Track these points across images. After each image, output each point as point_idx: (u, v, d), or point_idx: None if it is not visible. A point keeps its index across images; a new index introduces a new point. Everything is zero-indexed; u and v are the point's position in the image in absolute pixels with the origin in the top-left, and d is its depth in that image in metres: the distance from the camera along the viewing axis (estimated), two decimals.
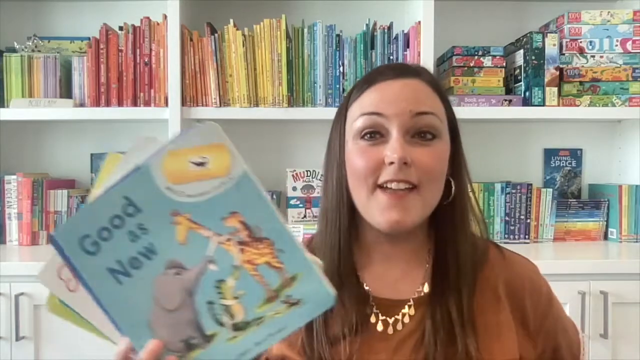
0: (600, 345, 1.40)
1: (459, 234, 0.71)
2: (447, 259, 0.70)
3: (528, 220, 1.72)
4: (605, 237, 1.80)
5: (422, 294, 0.71)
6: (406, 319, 0.69)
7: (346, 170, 0.71)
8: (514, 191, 1.73)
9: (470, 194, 0.75)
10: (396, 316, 0.69)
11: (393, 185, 0.66)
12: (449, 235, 0.71)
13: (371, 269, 0.73)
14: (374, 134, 0.68)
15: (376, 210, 0.67)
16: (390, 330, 0.69)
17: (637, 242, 1.74)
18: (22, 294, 1.38)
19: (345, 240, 0.71)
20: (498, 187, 1.72)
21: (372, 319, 0.69)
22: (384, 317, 0.69)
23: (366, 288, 0.71)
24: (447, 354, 0.65)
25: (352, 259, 0.72)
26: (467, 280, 0.69)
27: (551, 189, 1.75)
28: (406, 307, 0.70)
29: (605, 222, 1.79)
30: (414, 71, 0.72)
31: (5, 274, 1.38)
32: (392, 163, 0.65)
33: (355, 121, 0.70)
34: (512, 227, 1.72)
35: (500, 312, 0.69)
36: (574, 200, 1.81)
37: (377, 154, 0.67)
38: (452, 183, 0.72)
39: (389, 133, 0.67)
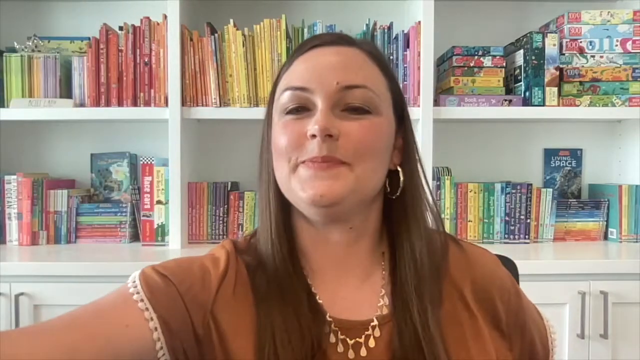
0: (600, 345, 1.40)
1: (413, 229, 0.63)
2: (404, 261, 0.62)
3: (528, 220, 1.72)
4: (605, 237, 1.80)
5: (385, 310, 0.62)
6: (371, 343, 0.59)
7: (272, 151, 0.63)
8: (514, 191, 1.73)
9: (425, 186, 0.66)
10: (357, 339, 0.59)
11: (315, 164, 0.57)
12: (403, 232, 0.63)
13: (324, 281, 0.63)
14: (300, 109, 0.60)
15: (298, 187, 0.58)
16: (351, 354, 0.59)
17: (637, 242, 1.74)
18: (22, 294, 1.38)
19: (277, 231, 0.62)
20: (498, 187, 1.72)
21: (332, 339, 0.59)
22: (343, 337, 0.59)
23: (319, 301, 0.61)
24: None
25: (294, 256, 0.63)
26: (428, 285, 0.61)
27: (551, 189, 1.75)
28: (370, 328, 0.60)
29: (605, 222, 1.79)
30: (349, 40, 0.64)
31: (5, 274, 1.38)
32: (314, 136, 0.57)
33: (281, 96, 0.61)
34: (512, 227, 1.72)
35: (471, 320, 0.63)
36: (574, 200, 1.81)
37: (300, 128, 0.59)
38: (401, 173, 0.64)
39: (316, 106, 0.59)
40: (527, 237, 1.72)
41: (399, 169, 0.64)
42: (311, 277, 0.63)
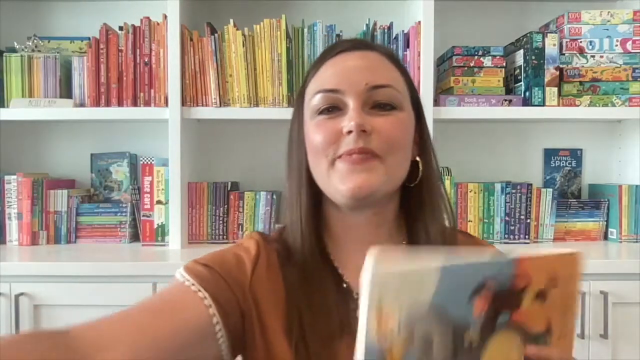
0: (600, 345, 1.40)
1: (429, 216, 0.69)
2: (420, 244, 0.68)
3: (528, 220, 1.72)
4: (605, 237, 1.80)
5: None
6: None
7: (306, 150, 0.69)
8: (514, 191, 1.73)
9: (438, 177, 0.73)
10: None
11: (353, 157, 0.63)
12: (420, 220, 0.70)
13: (349, 261, 0.69)
14: (332, 109, 0.66)
15: (337, 181, 0.64)
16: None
17: (637, 242, 1.74)
18: (22, 294, 1.38)
19: (307, 222, 0.68)
20: (498, 187, 1.72)
21: (357, 314, 0.67)
22: None
23: (346, 281, 0.68)
24: None
25: (322, 245, 0.69)
26: None
27: (551, 189, 1.75)
28: None
29: (605, 222, 1.79)
30: (369, 45, 0.71)
31: (5, 274, 1.38)
32: (350, 132, 0.63)
33: (312, 99, 0.68)
34: (512, 227, 1.72)
35: None
36: (574, 200, 1.81)
37: (334, 125, 0.65)
38: (420, 163, 0.70)
39: (347, 106, 0.65)
40: (527, 237, 1.72)
41: (418, 159, 0.70)
42: (338, 260, 0.70)
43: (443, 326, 0.45)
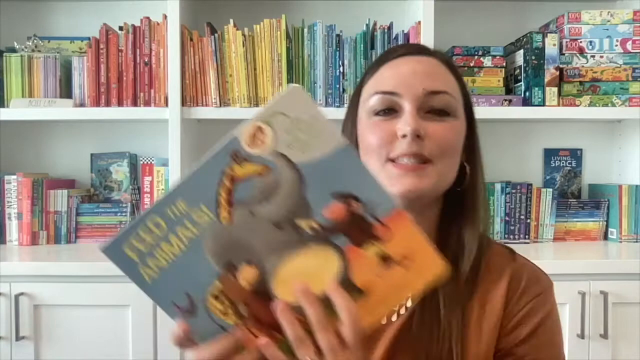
0: (600, 345, 1.40)
1: (467, 222, 0.69)
2: (448, 247, 0.67)
3: (528, 220, 1.72)
4: (605, 237, 1.80)
5: None
6: (402, 310, 0.67)
7: (358, 146, 0.70)
8: (514, 191, 1.73)
9: (483, 184, 0.73)
10: (394, 309, 0.67)
11: (405, 160, 0.65)
12: (456, 223, 0.70)
13: None
14: (388, 111, 0.68)
15: (388, 182, 0.65)
16: (383, 320, 0.66)
17: (637, 242, 1.74)
18: (22, 294, 1.38)
19: None
20: (498, 187, 1.72)
21: None
22: None
23: None
24: (431, 348, 0.64)
25: None
26: (466, 275, 0.66)
27: (551, 189, 1.75)
28: (405, 298, 0.68)
29: (605, 222, 1.79)
30: (427, 50, 0.72)
31: (5, 274, 1.38)
32: (404, 136, 0.64)
33: (369, 99, 0.69)
34: (512, 227, 1.72)
35: (490, 317, 0.67)
36: (574, 200, 1.81)
37: (389, 127, 0.66)
38: (467, 168, 0.70)
39: (402, 109, 0.67)
40: (527, 237, 1.72)
41: (465, 164, 0.70)
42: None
43: (296, 193, 0.46)
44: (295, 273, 0.48)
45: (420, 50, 0.72)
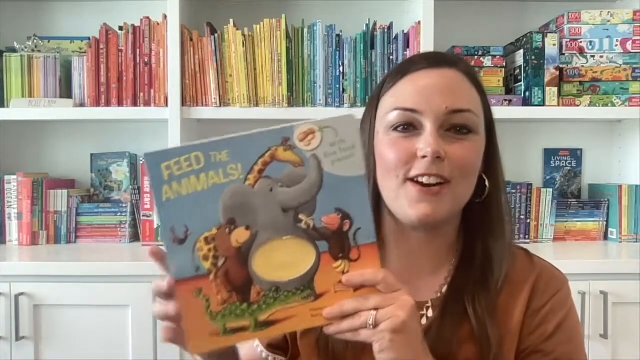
0: (600, 345, 1.40)
1: (492, 233, 0.69)
2: (474, 259, 0.68)
3: (528, 220, 1.72)
4: (605, 237, 1.80)
5: (440, 294, 0.69)
6: (423, 321, 0.68)
7: (375, 160, 0.69)
8: (514, 191, 1.73)
9: (505, 194, 0.72)
10: None
11: (424, 180, 0.64)
12: (480, 235, 0.69)
13: (391, 265, 0.70)
14: (408, 127, 0.66)
15: (406, 202, 0.65)
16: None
17: (637, 242, 1.74)
18: (22, 294, 1.38)
19: None
20: None
21: None
22: None
23: None
24: (452, 354, 0.65)
25: None
26: (492, 284, 0.67)
27: (551, 189, 1.75)
28: (424, 309, 0.69)
29: (605, 222, 1.79)
30: (449, 61, 0.69)
31: (5, 274, 1.38)
32: (424, 157, 0.63)
33: (388, 114, 0.67)
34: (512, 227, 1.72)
35: (512, 323, 0.68)
36: (574, 200, 1.81)
37: (409, 146, 0.65)
38: (487, 181, 0.69)
39: (423, 126, 0.65)
40: (527, 237, 1.72)
41: (484, 176, 0.70)
42: (382, 262, 0.71)
43: (311, 193, 0.54)
44: (278, 253, 0.55)
45: (442, 61, 0.69)
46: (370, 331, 0.53)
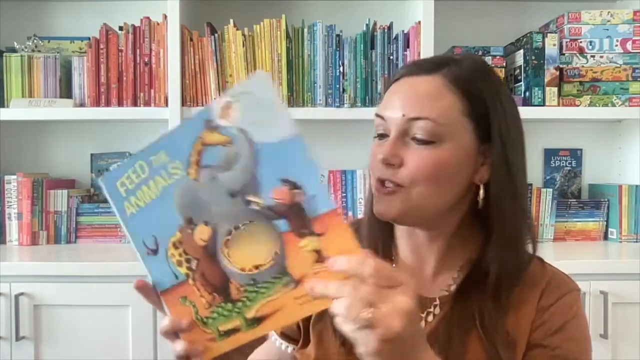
0: (600, 345, 1.40)
1: (503, 240, 0.69)
2: (485, 262, 0.69)
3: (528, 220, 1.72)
4: (605, 237, 1.80)
5: (448, 292, 0.71)
6: (430, 318, 0.70)
7: None
8: None
9: (521, 200, 0.71)
10: (421, 314, 0.69)
11: (378, 187, 0.68)
12: (492, 241, 0.69)
13: (403, 260, 0.75)
14: (382, 135, 0.70)
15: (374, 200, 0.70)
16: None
17: (637, 242, 1.74)
18: (22, 294, 1.38)
19: (372, 227, 0.75)
20: None
21: None
22: None
23: None
24: (459, 354, 0.65)
25: (387, 243, 0.75)
26: (502, 289, 0.67)
27: (551, 189, 1.75)
28: (432, 306, 0.70)
29: (605, 222, 1.79)
30: (437, 66, 0.68)
31: (5, 274, 1.38)
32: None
33: (375, 119, 0.72)
34: None
35: (523, 328, 0.68)
36: (574, 200, 1.81)
37: (379, 152, 0.69)
38: (481, 188, 0.69)
39: (390, 134, 0.68)
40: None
41: (479, 184, 0.69)
42: (396, 260, 0.75)
43: (249, 169, 0.51)
44: (242, 242, 0.53)
45: (423, 69, 0.69)
46: (355, 330, 0.47)
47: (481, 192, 0.69)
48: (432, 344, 0.64)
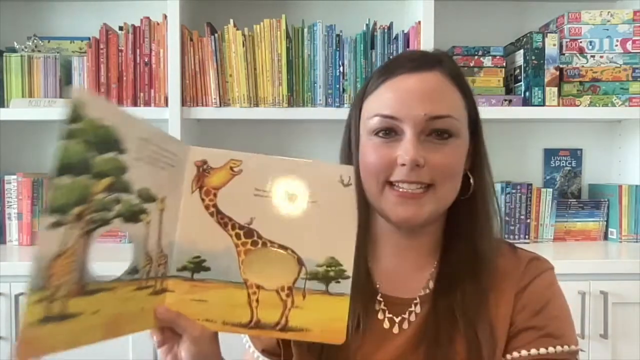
0: (600, 345, 1.40)
1: (478, 229, 0.70)
2: (459, 255, 0.69)
3: (528, 220, 1.72)
4: (605, 237, 1.80)
5: (428, 290, 0.70)
6: (412, 317, 0.69)
7: (359, 162, 0.69)
8: (514, 191, 1.73)
9: (491, 190, 0.73)
10: (403, 315, 0.69)
11: (404, 186, 0.65)
12: (466, 231, 0.70)
13: (381, 263, 0.73)
14: (389, 132, 0.66)
15: (387, 206, 0.66)
16: (396, 329, 0.69)
17: (637, 242, 1.74)
18: (22, 294, 1.38)
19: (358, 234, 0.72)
20: (498, 187, 1.72)
21: (380, 316, 0.69)
22: (390, 315, 0.69)
23: (377, 285, 0.71)
24: (448, 352, 0.65)
25: (364, 251, 0.71)
26: (481, 278, 0.68)
27: (551, 189, 1.75)
28: (412, 305, 0.70)
29: (605, 222, 1.79)
30: (431, 63, 0.68)
31: (5, 274, 1.38)
32: (404, 165, 0.64)
33: (371, 119, 0.68)
34: (512, 227, 1.72)
35: (502, 318, 0.68)
36: (574, 200, 1.81)
37: (390, 152, 0.65)
38: (472, 178, 0.70)
39: (403, 132, 0.65)
40: (527, 237, 1.72)
41: (469, 174, 0.70)
42: (372, 260, 0.73)
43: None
44: None
45: (423, 65, 0.68)
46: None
47: (472, 182, 0.70)
48: (420, 342, 0.65)
